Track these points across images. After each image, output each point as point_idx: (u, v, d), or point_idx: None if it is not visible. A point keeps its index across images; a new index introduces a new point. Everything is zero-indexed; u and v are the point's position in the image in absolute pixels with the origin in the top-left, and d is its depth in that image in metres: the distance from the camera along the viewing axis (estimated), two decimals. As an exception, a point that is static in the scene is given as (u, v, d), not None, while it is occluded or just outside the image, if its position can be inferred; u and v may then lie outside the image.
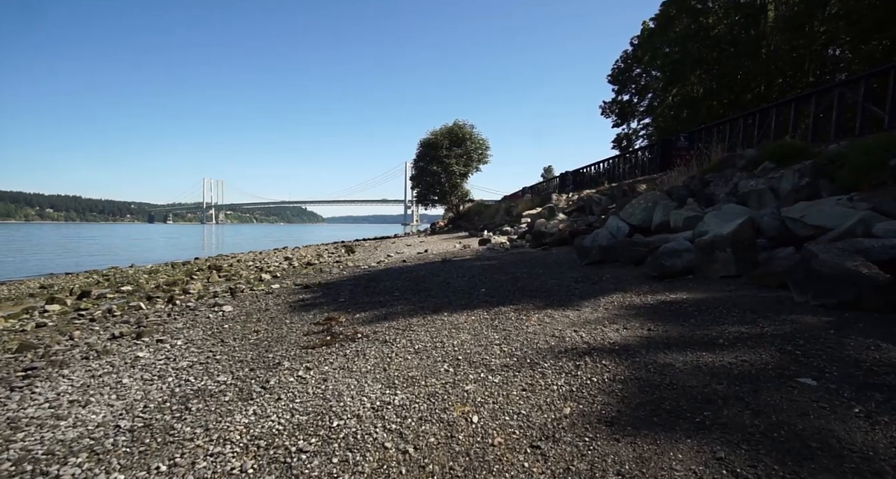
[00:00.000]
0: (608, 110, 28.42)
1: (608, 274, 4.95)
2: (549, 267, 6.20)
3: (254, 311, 5.32)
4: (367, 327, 3.90)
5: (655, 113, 23.89)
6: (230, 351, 3.55)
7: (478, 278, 5.87)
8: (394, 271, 7.62)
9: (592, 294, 4.10)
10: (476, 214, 23.99)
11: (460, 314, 3.94)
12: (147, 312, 5.86)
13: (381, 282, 6.53)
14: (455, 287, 5.41)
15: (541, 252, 8.20)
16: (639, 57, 24.97)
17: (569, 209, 11.65)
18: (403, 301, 4.94)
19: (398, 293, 5.46)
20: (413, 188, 26.50)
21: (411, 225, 68.99)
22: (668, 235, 5.45)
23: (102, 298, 7.91)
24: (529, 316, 3.56)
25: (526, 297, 4.34)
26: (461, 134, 23.61)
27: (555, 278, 5.19)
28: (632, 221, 6.68)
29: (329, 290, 6.34)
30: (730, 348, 2.33)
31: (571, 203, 12.59)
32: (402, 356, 2.92)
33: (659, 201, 6.45)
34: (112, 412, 2.45)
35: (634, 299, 3.69)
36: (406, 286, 5.89)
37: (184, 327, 4.68)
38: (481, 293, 4.83)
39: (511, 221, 15.77)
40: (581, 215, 11.01)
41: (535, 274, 5.70)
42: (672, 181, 7.46)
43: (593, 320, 3.22)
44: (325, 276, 8.08)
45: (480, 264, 7.41)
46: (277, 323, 4.48)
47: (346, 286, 6.47)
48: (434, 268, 7.47)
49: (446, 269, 7.20)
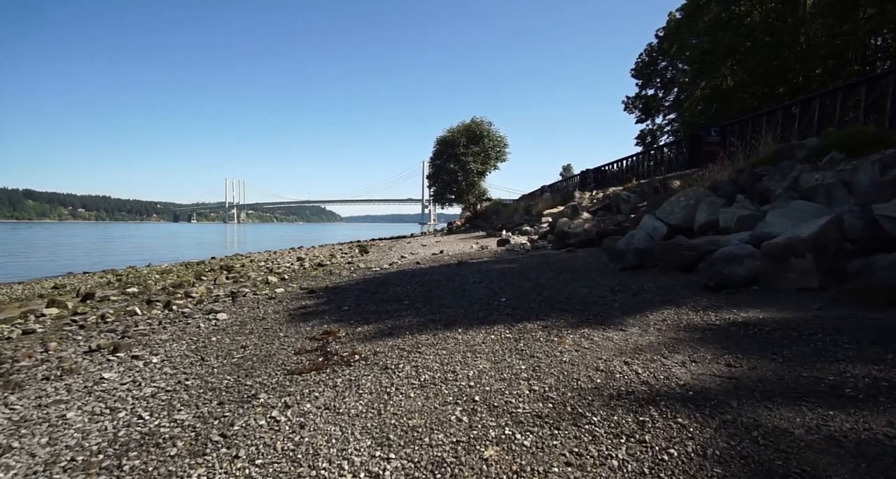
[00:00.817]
0: (631, 106, 27.26)
1: (650, 282, 4.22)
2: (578, 272, 5.48)
3: (249, 319, 4.78)
4: (367, 345, 3.29)
5: (682, 107, 22.66)
6: (206, 374, 2.99)
7: (497, 285, 5.21)
8: (406, 275, 7.02)
9: (636, 308, 3.39)
10: (494, 213, 23.20)
11: (477, 331, 3.30)
12: (140, 318, 5.41)
13: (390, 287, 5.93)
14: (471, 295, 4.77)
15: (565, 254, 7.47)
16: (665, 49, 23.77)
17: (593, 208, 10.85)
18: (413, 311, 4.32)
19: (408, 301, 4.85)
20: (430, 187, 25.87)
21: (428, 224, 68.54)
22: (718, 236, 4.68)
23: (105, 300, 7.56)
24: (562, 337, 2.88)
25: (555, 310, 3.66)
26: (479, 131, 22.83)
27: (586, 286, 4.48)
28: (670, 220, 5.90)
29: (335, 295, 5.78)
30: (869, 406, 1.62)
31: (596, 201, 11.76)
32: (403, 392, 2.29)
33: (702, 198, 5.65)
34: (26, 468, 1.89)
35: (693, 318, 2.97)
36: (417, 293, 5.27)
37: (169, 338, 4.17)
38: (502, 304, 4.16)
39: (531, 221, 14.99)
40: (607, 214, 10.20)
41: (562, 281, 5.00)
42: (714, 176, 6.64)
43: (646, 346, 2.53)
44: (333, 279, 7.55)
45: (499, 268, 6.73)
46: (270, 336, 3.92)
47: (354, 292, 5.90)
48: (449, 271, 6.83)
49: (462, 272, 6.56)
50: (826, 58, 17.91)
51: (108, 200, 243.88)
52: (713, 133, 15.20)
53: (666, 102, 25.51)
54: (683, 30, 21.42)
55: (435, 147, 23.90)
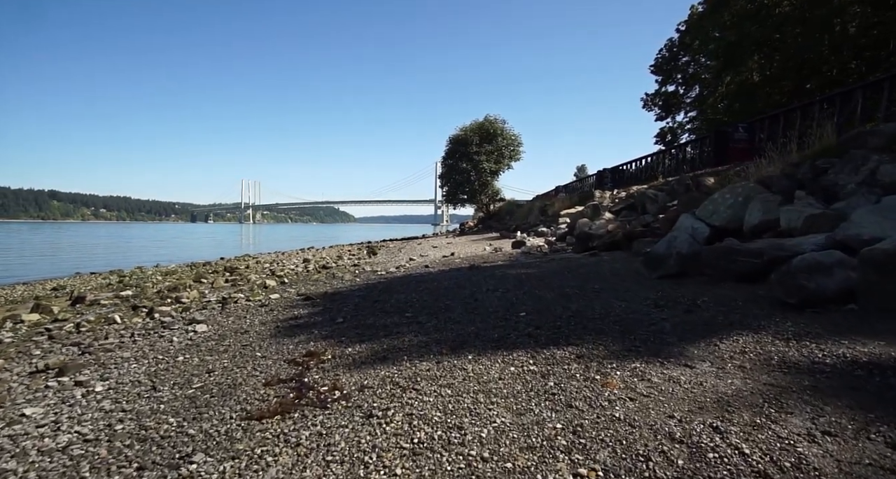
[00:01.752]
0: (650, 103, 26.10)
1: (703, 296, 3.42)
2: (607, 280, 4.70)
3: (230, 332, 4.14)
4: (354, 374, 2.60)
5: (706, 104, 21.51)
6: (148, 412, 2.34)
7: (514, 294, 4.46)
8: (413, 280, 6.33)
9: (697, 332, 2.62)
10: (507, 213, 22.36)
11: (492, 359, 2.57)
12: (116, 328, 4.82)
13: (394, 294, 5.25)
14: (485, 307, 4.04)
15: (588, 258, 6.69)
16: (686, 43, 22.62)
17: (615, 208, 10.00)
18: (415, 327, 3.62)
19: (411, 313, 4.14)
20: (442, 187, 25.16)
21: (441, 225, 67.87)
22: (782, 240, 3.86)
23: (94, 304, 7.05)
24: (607, 375, 2.14)
25: (588, 331, 2.91)
26: (492, 129, 21.99)
27: (622, 299, 3.71)
28: (713, 220, 5.07)
29: (332, 304, 5.12)
30: None
31: (618, 201, 10.90)
32: (387, 463, 1.59)
33: (753, 195, 4.82)
34: None
35: (785, 350, 2.19)
36: (423, 303, 4.57)
37: (132, 356, 3.54)
38: (521, 320, 3.42)
39: (547, 222, 14.17)
40: (632, 215, 9.35)
41: (590, 291, 4.23)
42: (760, 171, 5.79)
43: (735, 397, 1.77)
44: (335, 283, 6.91)
45: (516, 273, 5.99)
46: (244, 357, 3.26)
47: (353, 299, 5.23)
48: (460, 277, 6.11)
49: (474, 278, 5.83)
50: (863, 49, 16.66)
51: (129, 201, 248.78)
52: (741, 129, 14.21)
53: (687, 99, 24.33)
54: (707, 23, 20.31)
55: (447, 146, 23.18)
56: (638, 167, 20.10)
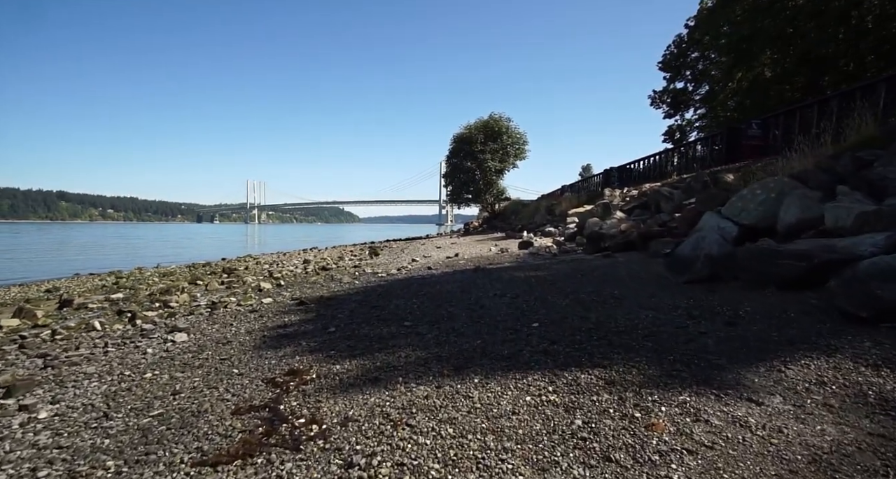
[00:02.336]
0: (658, 100, 25.48)
1: (744, 304, 2.96)
2: (626, 284, 4.24)
3: (210, 343, 3.73)
4: (338, 401, 2.17)
5: (716, 100, 20.90)
6: (85, 451, 1.91)
7: (524, 301, 4.02)
8: (414, 283, 5.90)
9: (749, 352, 2.16)
10: (513, 213, 21.84)
11: (503, 384, 2.13)
12: (91, 336, 4.44)
13: (393, 299, 4.82)
14: (492, 315, 3.60)
15: (601, 260, 6.22)
16: (696, 39, 22.05)
17: (627, 206, 9.51)
18: (414, 339, 3.18)
19: (410, 322, 3.71)
20: (446, 186, 24.68)
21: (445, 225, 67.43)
22: (830, 240, 3.39)
23: (81, 308, 6.70)
24: (649, 412, 1.69)
25: (615, 348, 2.46)
26: (497, 128, 21.48)
27: (648, 307, 3.26)
28: (742, 219, 4.59)
29: (327, 309, 4.71)
30: None
31: (629, 199, 10.40)
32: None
33: (788, 191, 4.34)
34: None
35: (878, 382, 1.72)
36: (423, 310, 4.13)
37: (96, 372, 3.13)
38: (534, 332, 2.98)
39: (554, 221, 13.68)
40: (644, 213, 8.87)
41: (609, 297, 3.77)
42: (791, 165, 5.30)
43: (835, 455, 1.31)
44: (333, 286, 6.49)
45: (524, 276, 5.54)
46: (219, 375, 2.84)
47: (349, 305, 4.81)
48: (464, 280, 5.67)
49: (479, 282, 5.39)
50: (882, 41, 16.01)
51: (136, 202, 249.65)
52: (754, 126, 13.66)
53: (696, 96, 23.73)
54: (717, 17, 19.73)
55: (451, 145, 22.69)
56: (645, 166, 19.54)
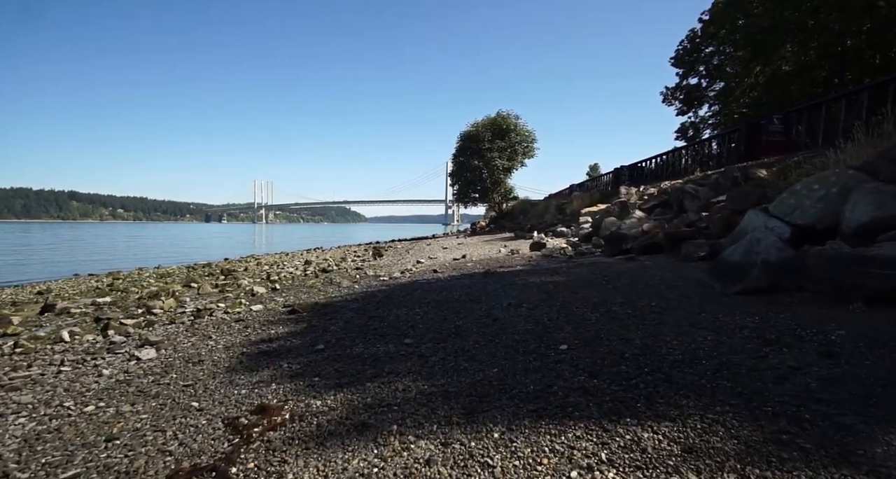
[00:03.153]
0: (671, 97, 24.70)
1: (833, 327, 2.33)
2: (662, 294, 3.63)
3: (179, 362, 3.19)
4: (310, 462, 1.59)
5: (732, 96, 20.08)
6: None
7: (545, 312, 3.43)
8: (418, 289, 5.33)
9: (886, 402, 1.56)
10: (521, 212, 21.17)
11: (535, 442, 1.55)
12: (57, 349, 3.92)
13: (394, 308, 4.25)
14: (509, 331, 3.01)
15: (625, 263, 5.60)
16: (711, 33, 21.22)
17: (646, 205, 8.86)
18: (415, 362, 2.61)
19: (411, 339, 3.13)
20: (452, 185, 24.04)
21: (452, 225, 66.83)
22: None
23: (62, 314, 6.22)
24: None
25: (679, 388, 1.86)
26: (505, 125, 20.80)
27: (702, 326, 2.64)
28: (796, 218, 3.95)
29: (319, 320, 4.15)
30: None
31: (647, 198, 9.74)
32: None
33: (854, 185, 3.70)
34: None
35: None
36: (427, 323, 3.56)
37: (32, 401, 2.59)
38: (564, 358, 2.38)
39: (565, 221, 13.03)
40: (666, 212, 8.22)
41: (647, 310, 3.16)
42: (847, 157, 4.65)
43: None
44: (330, 291, 5.95)
45: (540, 281, 4.94)
46: (173, 411, 2.28)
47: (345, 314, 4.26)
48: (473, 286, 5.09)
49: (491, 288, 4.80)
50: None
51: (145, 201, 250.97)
52: (775, 121, 12.92)
53: (711, 92, 22.90)
54: (734, 10, 18.91)
55: (458, 143, 22.06)
56: (657, 164, 18.83)
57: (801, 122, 12.16)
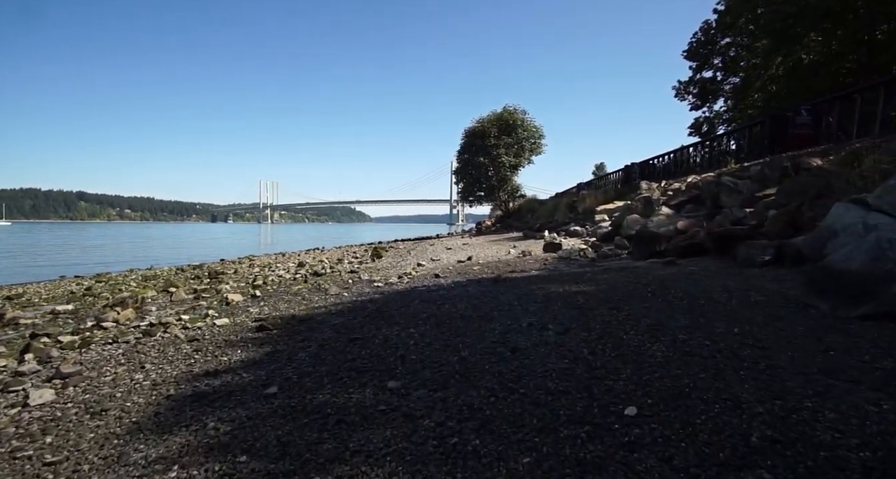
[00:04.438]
0: (684, 91, 23.54)
1: None
2: (740, 314, 2.65)
3: (72, 415, 2.27)
4: None
5: (752, 88, 18.94)
6: None
7: (582, 338, 2.46)
8: (416, 298, 4.39)
9: None
10: (529, 211, 20.13)
11: None
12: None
13: (382, 327, 3.32)
14: (538, 375, 2.05)
15: (665, 268, 4.61)
16: (727, 23, 20.07)
17: (673, 201, 7.85)
18: (399, 429, 1.65)
19: (398, 382, 2.19)
20: (457, 183, 23.06)
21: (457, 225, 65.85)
22: None
23: (10, 325, 5.37)
24: None
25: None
26: (512, 120, 19.81)
27: (847, 377, 1.69)
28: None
29: (287, 342, 3.22)
30: None
31: (673, 193, 8.72)
32: None
33: None
34: None
35: None
36: (423, 351, 2.61)
37: None
38: (641, 441, 1.43)
39: (578, 219, 12.02)
40: (699, 208, 7.22)
41: (736, 343, 2.19)
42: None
43: None
44: (314, 301, 5.04)
45: (565, 292, 3.97)
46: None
47: (322, 333, 3.34)
48: (482, 296, 4.13)
49: (504, 299, 3.84)
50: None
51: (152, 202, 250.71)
52: (803, 112, 11.83)
53: (726, 86, 21.74)
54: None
55: (463, 139, 21.07)
56: (670, 160, 17.76)
57: (830, 113, 11.12)
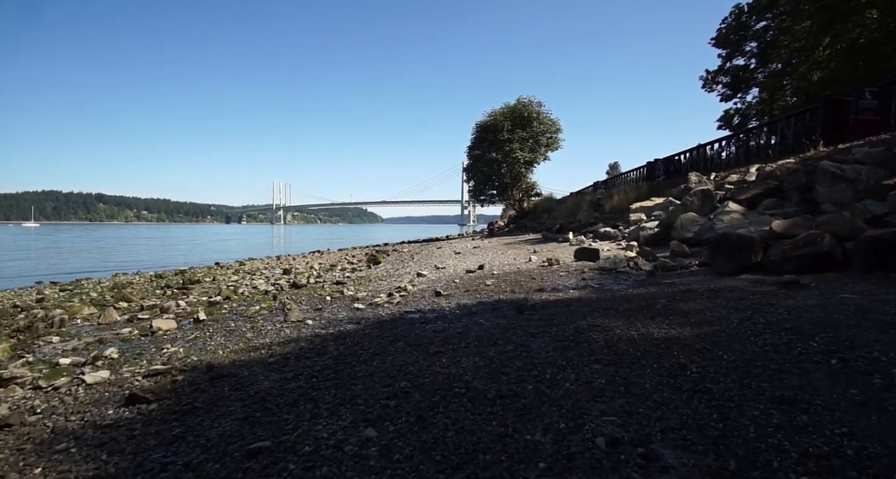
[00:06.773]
0: (712, 81, 21.49)
1: None
2: None
3: None
4: None
5: (796, 73, 16.86)
6: None
7: None
8: (401, 338, 2.78)
9: None
10: (545, 211, 18.31)
11: None
12: None
13: (323, 415, 1.69)
14: None
15: (788, 293, 2.91)
16: (763, 4, 18.01)
17: (743, 195, 6.06)
18: None
19: None
20: (467, 181, 21.36)
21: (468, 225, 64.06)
22: None
23: None
24: None
25: None
26: (526, 113, 18.05)
27: None
28: None
29: (150, 440, 1.62)
30: None
31: (737, 186, 6.92)
32: None
33: None
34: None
35: None
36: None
37: None
38: None
39: (606, 219, 10.25)
40: (782, 203, 5.45)
41: None
42: None
43: None
44: (264, 333, 3.50)
45: (640, 338, 2.30)
46: None
47: (219, 426, 1.73)
48: (503, 340, 2.48)
49: (541, 353, 2.19)
50: None
51: (168, 203, 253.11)
52: (868, 96, 9.90)
53: (761, 73, 19.62)
54: (797, -28, 15.73)
55: (473, 134, 19.36)
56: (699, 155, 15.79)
57: (901, 95, 9.22)
